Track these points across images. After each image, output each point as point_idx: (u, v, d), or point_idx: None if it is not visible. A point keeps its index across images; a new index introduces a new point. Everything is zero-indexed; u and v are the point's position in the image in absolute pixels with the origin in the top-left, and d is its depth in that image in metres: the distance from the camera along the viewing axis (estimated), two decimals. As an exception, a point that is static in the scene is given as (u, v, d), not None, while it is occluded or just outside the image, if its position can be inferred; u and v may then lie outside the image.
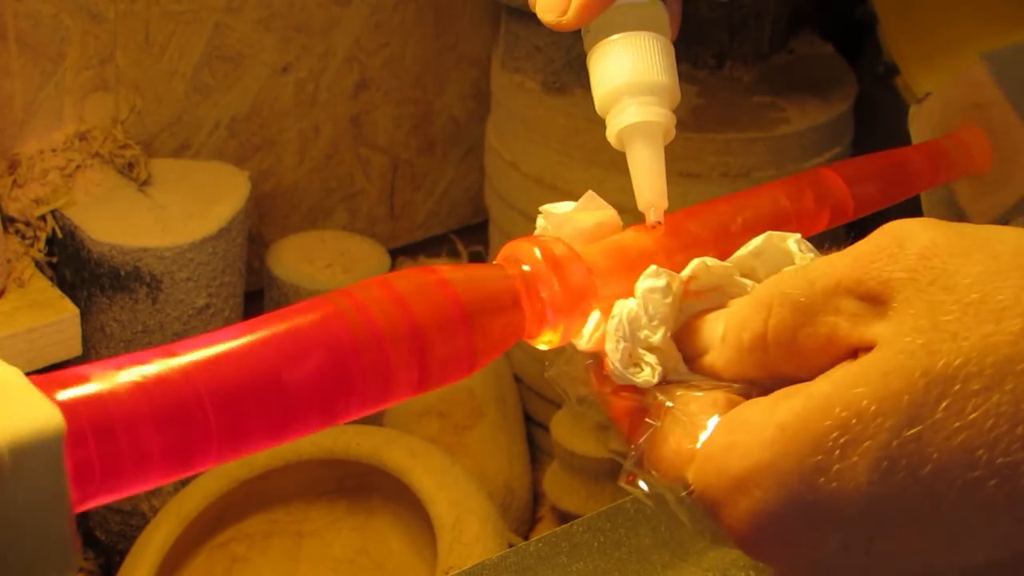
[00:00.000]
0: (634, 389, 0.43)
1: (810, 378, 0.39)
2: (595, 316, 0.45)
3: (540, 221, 0.48)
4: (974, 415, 0.36)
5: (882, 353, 0.37)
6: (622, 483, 0.42)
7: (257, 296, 1.46)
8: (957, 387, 0.36)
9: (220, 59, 1.40)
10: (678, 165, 1.36)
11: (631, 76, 0.52)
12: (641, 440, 0.42)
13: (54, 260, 1.27)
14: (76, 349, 1.19)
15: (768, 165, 1.38)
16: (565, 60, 1.42)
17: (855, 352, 0.39)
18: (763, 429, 0.38)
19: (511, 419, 1.49)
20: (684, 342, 0.43)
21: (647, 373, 0.43)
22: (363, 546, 1.31)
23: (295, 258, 1.43)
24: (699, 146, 1.35)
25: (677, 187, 1.36)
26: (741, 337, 0.41)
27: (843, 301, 0.39)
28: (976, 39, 1.48)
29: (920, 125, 0.64)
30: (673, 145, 0.52)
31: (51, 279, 1.24)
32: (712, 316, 0.43)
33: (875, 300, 0.39)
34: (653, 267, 0.44)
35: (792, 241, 0.46)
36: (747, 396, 0.41)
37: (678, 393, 0.42)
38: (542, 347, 0.45)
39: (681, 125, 0.54)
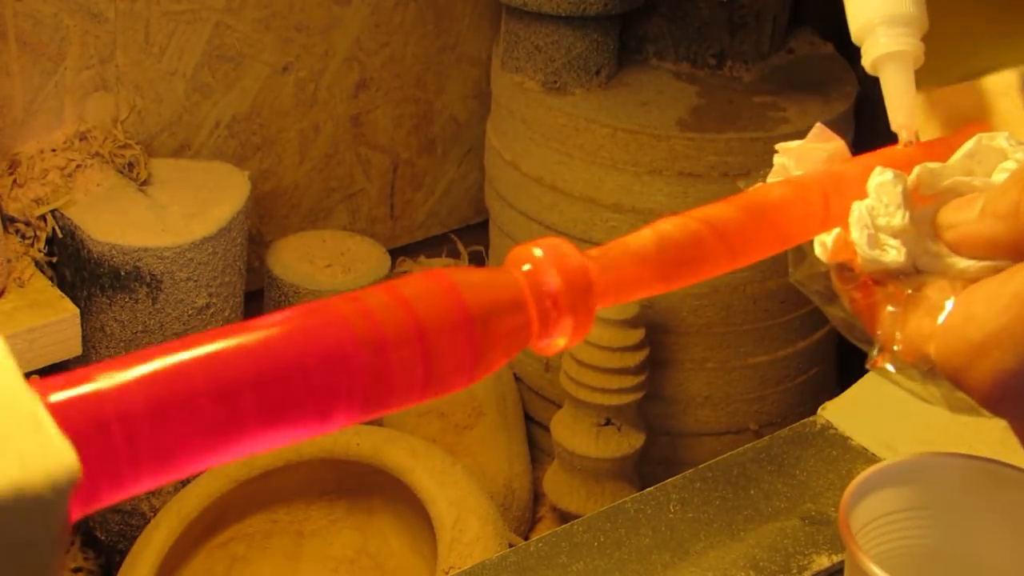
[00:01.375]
0: (875, 283, 0.47)
1: None
2: (834, 232, 0.48)
3: (778, 159, 0.53)
4: None
5: None
6: (869, 366, 0.46)
7: (257, 296, 1.46)
8: None
9: (220, 59, 1.40)
10: (678, 165, 1.36)
11: (884, 8, 0.58)
12: (883, 329, 0.46)
13: (54, 260, 1.27)
14: (76, 349, 1.19)
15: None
16: (565, 60, 1.42)
17: None
18: (999, 298, 0.41)
19: (511, 419, 1.49)
20: (938, 219, 0.47)
21: (893, 253, 0.46)
22: (363, 546, 1.31)
23: (295, 258, 1.43)
24: (699, 146, 1.35)
25: (677, 187, 1.36)
26: (998, 206, 0.44)
27: None
28: (976, 39, 1.48)
29: (925, 115, 0.64)
30: (673, 145, 0.53)
31: (51, 279, 1.24)
32: (970, 196, 0.47)
33: None
34: (878, 167, 0.48)
35: (1002, 139, 0.49)
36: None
37: (917, 282, 0.46)
38: (550, 352, 0.45)
39: (681, 125, 0.54)
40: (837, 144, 0.53)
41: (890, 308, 0.46)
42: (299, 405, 0.37)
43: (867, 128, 1.54)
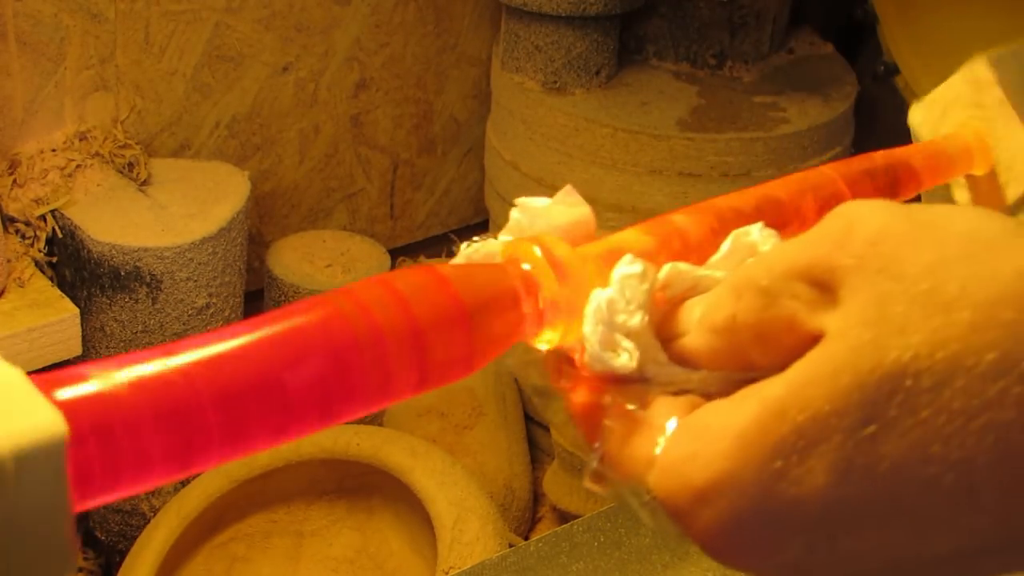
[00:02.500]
0: (591, 386, 0.43)
1: (779, 366, 0.38)
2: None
3: (514, 213, 0.47)
4: (926, 412, 0.35)
5: (831, 348, 0.37)
6: (586, 483, 0.42)
7: (257, 296, 1.46)
8: (908, 383, 0.35)
9: (220, 59, 1.40)
10: (678, 165, 1.36)
11: None
12: (599, 443, 0.41)
13: (54, 260, 1.27)
14: (76, 349, 1.19)
15: (768, 165, 1.38)
16: (565, 60, 1.42)
17: (816, 339, 0.38)
18: (723, 438, 0.37)
19: (511, 419, 1.49)
20: (663, 327, 0.43)
21: (625, 357, 0.42)
22: (363, 546, 1.31)
23: (295, 258, 1.43)
24: (699, 146, 1.35)
25: (677, 187, 1.36)
26: (714, 319, 0.40)
27: (797, 286, 0.38)
28: (976, 39, 1.48)
29: (920, 123, 0.64)
30: (673, 145, 0.53)
31: (51, 279, 1.24)
32: (691, 301, 0.43)
33: (824, 287, 0.38)
34: (628, 255, 0.44)
35: (756, 231, 0.46)
36: (712, 394, 0.40)
37: (636, 394, 0.41)
38: (542, 346, 0.45)
39: (681, 125, 0.54)
40: (583, 210, 0.48)
41: (607, 422, 0.41)
42: (298, 404, 0.37)
43: (867, 128, 1.54)
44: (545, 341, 0.45)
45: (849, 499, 0.36)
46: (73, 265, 1.25)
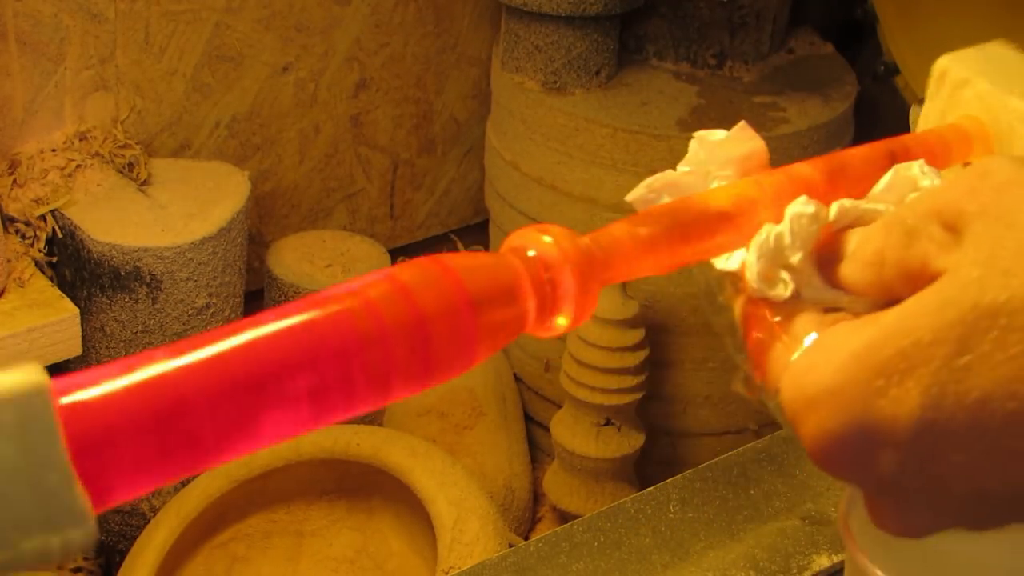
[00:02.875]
0: (762, 302, 0.46)
1: None
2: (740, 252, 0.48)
3: (693, 145, 0.51)
4: (1015, 349, 0.38)
5: (943, 284, 0.40)
6: (734, 387, 0.47)
7: (257, 296, 1.46)
8: (1003, 321, 0.38)
9: (220, 59, 1.40)
10: (678, 165, 1.36)
11: None
12: (754, 349, 0.46)
13: (54, 260, 1.27)
14: (76, 349, 1.19)
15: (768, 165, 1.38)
16: (565, 60, 1.42)
17: (937, 278, 0.42)
18: (838, 354, 0.41)
19: (511, 419, 1.49)
20: (824, 250, 0.47)
21: (780, 288, 0.46)
22: (363, 546, 1.31)
23: (295, 258, 1.43)
24: (699, 146, 1.35)
25: (677, 187, 1.36)
26: (865, 252, 0.44)
27: (933, 227, 0.42)
28: (976, 39, 1.48)
29: (921, 124, 0.64)
30: (673, 145, 0.53)
31: (51, 279, 1.24)
32: (852, 231, 0.47)
33: (953, 229, 0.41)
34: (804, 196, 0.47)
35: (916, 167, 0.49)
36: (859, 316, 0.44)
37: (787, 309, 0.46)
38: (549, 335, 0.46)
39: (681, 125, 0.54)
40: (757, 144, 0.52)
41: (756, 333, 0.46)
42: (301, 400, 0.37)
43: (867, 128, 1.54)
44: (557, 328, 0.45)
45: (938, 423, 0.39)
46: (73, 265, 1.25)
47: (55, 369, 1.17)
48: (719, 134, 0.51)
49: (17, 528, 0.31)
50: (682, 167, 0.51)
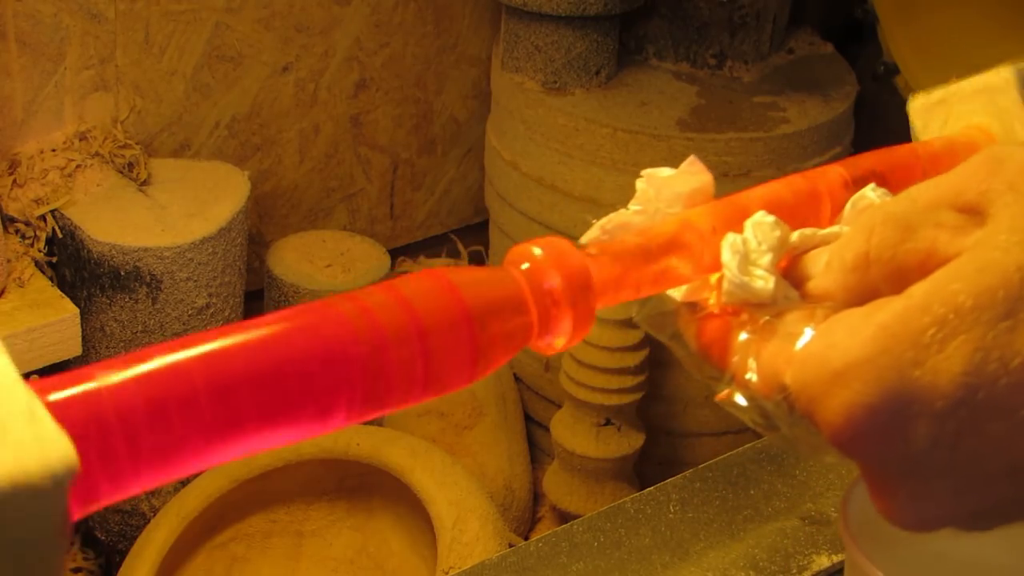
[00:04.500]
0: (731, 313, 0.46)
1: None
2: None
3: (640, 184, 0.51)
4: None
5: (977, 251, 0.39)
6: (718, 399, 0.45)
7: (257, 296, 1.46)
8: None
9: (220, 59, 1.40)
10: (678, 165, 1.35)
11: None
12: (736, 357, 0.44)
13: (54, 260, 1.27)
14: (76, 349, 1.19)
15: (768, 165, 1.38)
16: (565, 60, 1.42)
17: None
18: (864, 328, 0.40)
19: (511, 419, 1.49)
20: (790, 275, 0.46)
21: (761, 283, 0.45)
22: (363, 546, 1.31)
23: (295, 258, 1.43)
24: (699, 146, 1.35)
25: (677, 187, 1.36)
26: (844, 257, 0.43)
27: (944, 214, 0.41)
28: (976, 39, 1.48)
29: (922, 120, 0.64)
30: (673, 145, 0.53)
31: (51, 279, 1.24)
32: (816, 251, 0.46)
33: (974, 211, 0.41)
34: (761, 211, 0.47)
35: (870, 191, 0.49)
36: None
37: (774, 311, 0.45)
38: (550, 351, 0.45)
39: (681, 125, 0.54)
40: (705, 178, 0.52)
41: (744, 335, 0.45)
42: (298, 405, 0.37)
43: (867, 128, 1.54)
44: (555, 346, 0.45)
45: (980, 389, 0.38)
46: (73, 265, 1.25)
47: (55, 369, 1.17)
48: (666, 171, 0.51)
49: None
50: (633, 206, 0.50)
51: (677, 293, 0.48)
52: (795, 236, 0.47)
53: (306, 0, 1.43)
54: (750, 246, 0.46)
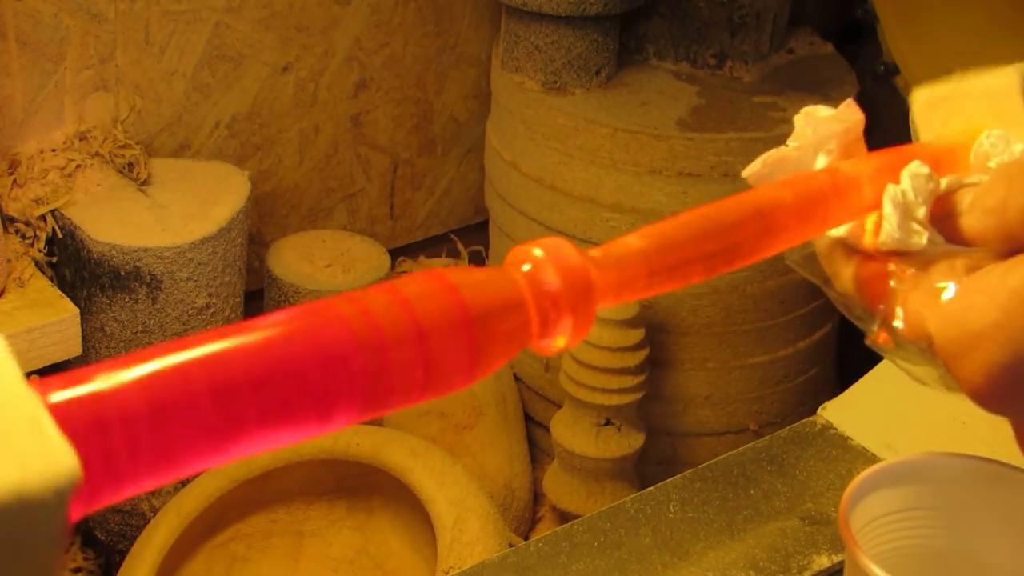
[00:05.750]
0: (882, 257, 0.48)
1: None
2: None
3: (798, 120, 0.54)
4: None
5: None
6: (868, 341, 0.48)
7: (257, 296, 1.46)
8: None
9: (220, 59, 1.40)
10: (678, 165, 1.36)
11: None
12: (889, 301, 0.47)
13: (54, 260, 1.27)
14: (76, 349, 1.19)
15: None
16: (565, 60, 1.42)
17: None
18: (999, 292, 0.42)
19: (511, 419, 1.49)
20: (939, 211, 0.49)
21: (916, 237, 0.48)
22: (363, 546, 1.31)
23: (295, 258, 1.43)
24: (699, 146, 1.35)
25: (677, 187, 1.36)
26: (986, 201, 0.45)
27: None
28: (976, 39, 1.48)
29: (923, 118, 0.64)
30: (673, 145, 0.54)
31: (51, 279, 1.24)
32: (965, 190, 0.48)
33: None
34: (916, 161, 0.50)
35: (1016, 145, 0.52)
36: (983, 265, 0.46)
37: (918, 263, 0.47)
38: (550, 352, 0.45)
39: (681, 125, 0.54)
40: (857, 118, 0.55)
41: (893, 284, 0.47)
42: (299, 405, 0.37)
43: (867, 128, 1.53)
44: (555, 347, 0.45)
45: None
46: (73, 265, 1.25)
47: (55, 369, 1.17)
48: (825, 111, 0.54)
49: None
50: (791, 143, 0.54)
51: (835, 232, 0.51)
52: (945, 181, 0.49)
53: (306, 0, 1.43)
54: (908, 198, 0.48)
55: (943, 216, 0.48)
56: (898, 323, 0.46)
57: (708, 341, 1.45)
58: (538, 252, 0.44)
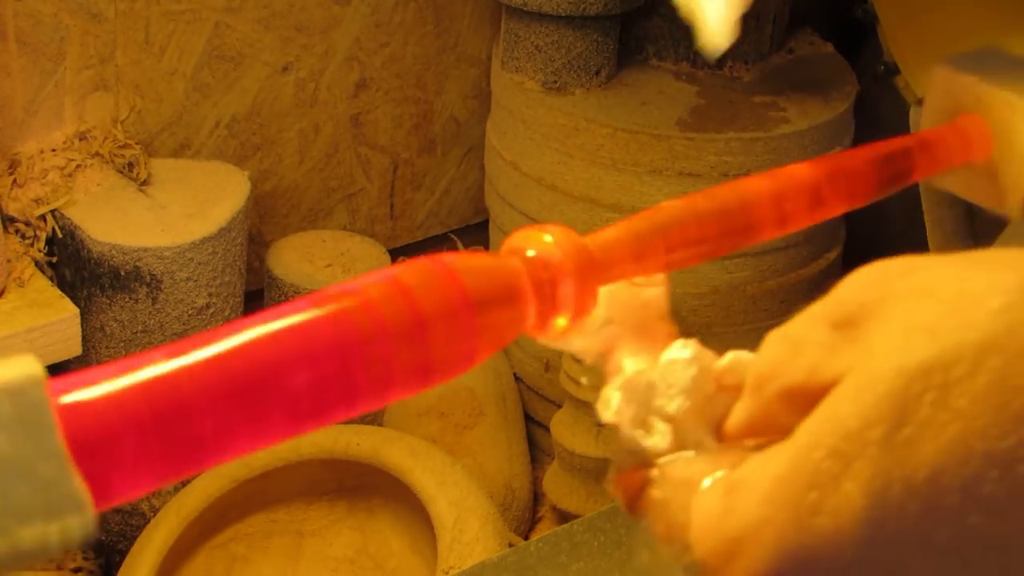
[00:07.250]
0: (638, 460, 0.42)
1: None
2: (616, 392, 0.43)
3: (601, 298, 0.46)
4: (961, 402, 0.33)
5: (855, 372, 0.35)
6: (639, 560, 0.41)
7: (257, 296, 1.46)
8: (938, 377, 0.33)
9: (220, 59, 1.40)
10: (678, 165, 1.36)
11: None
12: (644, 514, 0.41)
13: (54, 260, 1.27)
14: (76, 349, 1.19)
15: (768, 165, 1.38)
16: (565, 60, 1.42)
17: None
18: (759, 484, 0.36)
19: (511, 419, 1.49)
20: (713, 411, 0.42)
21: (656, 439, 0.41)
22: (363, 546, 1.31)
23: (295, 258, 1.43)
24: (699, 146, 1.35)
25: (677, 187, 1.36)
26: (748, 381, 0.40)
27: (821, 332, 0.37)
28: (976, 39, 1.48)
29: (923, 126, 0.64)
30: (673, 145, 0.53)
31: (51, 279, 1.24)
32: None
33: (850, 324, 0.37)
34: (680, 340, 0.43)
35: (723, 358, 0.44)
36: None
37: (675, 460, 0.41)
38: (548, 337, 0.45)
39: (681, 125, 0.54)
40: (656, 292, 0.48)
41: (649, 492, 0.41)
42: (299, 399, 0.37)
43: (867, 128, 1.54)
44: (556, 329, 0.45)
45: (888, 522, 0.33)
46: (73, 265, 1.25)
47: (55, 369, 1.17)
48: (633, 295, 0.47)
49: (15, 517, 0.31)
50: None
51: (608, 414, 0.44)
52: (727, 358, 0.42)
53: (306, 0, 1.43)
54: (657, 391, 0.41)
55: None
56: (656, 538, 0.40)
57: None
58: (534, 236, 0.45)
